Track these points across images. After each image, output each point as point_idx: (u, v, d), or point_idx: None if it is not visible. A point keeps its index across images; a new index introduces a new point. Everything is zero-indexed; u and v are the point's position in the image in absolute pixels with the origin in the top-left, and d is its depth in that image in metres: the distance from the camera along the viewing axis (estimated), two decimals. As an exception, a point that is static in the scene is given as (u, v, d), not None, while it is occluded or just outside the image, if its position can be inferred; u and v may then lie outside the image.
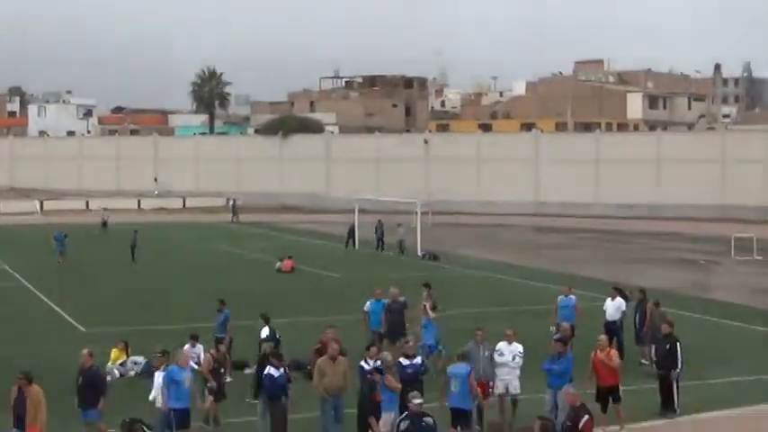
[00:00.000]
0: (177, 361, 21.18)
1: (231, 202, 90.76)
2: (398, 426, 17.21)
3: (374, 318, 29.30)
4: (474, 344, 22.94)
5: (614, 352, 22.77)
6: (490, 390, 23.04)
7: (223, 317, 28.86)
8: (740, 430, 23.27)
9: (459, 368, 21.33)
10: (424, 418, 17.16)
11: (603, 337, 23.70)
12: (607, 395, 22.58)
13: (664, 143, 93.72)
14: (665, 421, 23.73)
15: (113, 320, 36.70)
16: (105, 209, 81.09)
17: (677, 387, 24.12)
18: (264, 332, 26.54)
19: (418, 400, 17.36)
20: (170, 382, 20.50)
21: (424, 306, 28.88)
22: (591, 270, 52.06)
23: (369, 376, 20.97)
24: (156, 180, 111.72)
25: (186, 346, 24.29)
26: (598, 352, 22.75)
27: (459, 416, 21.09)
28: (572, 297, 31.18)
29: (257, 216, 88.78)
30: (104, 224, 76.01)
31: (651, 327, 28.66)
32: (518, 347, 23.22)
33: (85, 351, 21.48)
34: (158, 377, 21.47)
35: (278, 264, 52.88)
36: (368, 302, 29.80)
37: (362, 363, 22.04)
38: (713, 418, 24.27)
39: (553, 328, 30.45)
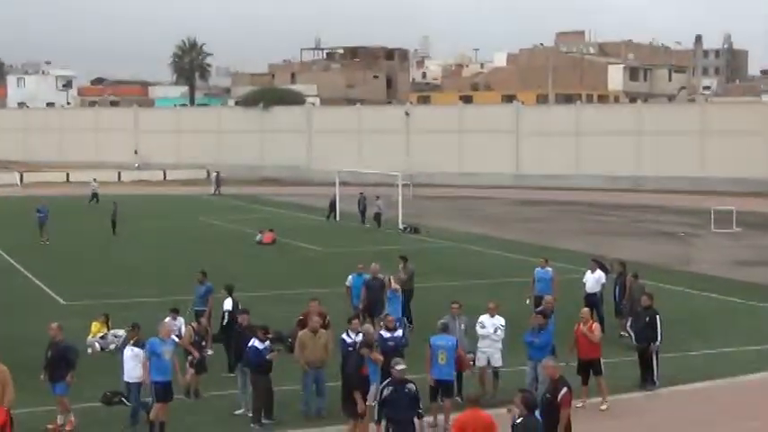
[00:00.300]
0: (158, 333, 21.12)
1: (214, 175, 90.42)
2: (381, 392, 17.32)
3: (355, 292, 29.16)
4: (450, 317, 22.98)
5: (596, 326, 22.85)
6: (471, 363, 23.13)
7: (204, 289, 28.67)
8: (719, 402, 23.41)
9: (445, 339, 21.40)
10: (407, 385, 17.30)
11: (586, 310, 23.78)
12: (588, 368, 22.69)
13: (644, 115, 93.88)
14: (645, 393, 23.86)
15: (94, 293, 36.60)
16: (95, 180, 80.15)
17: (657, 360, 24.24)
18: (228, 304, 26.43)
19: (401, 367, 17.48)
20: (151, 354, 20.45)
21: (389, 279, 28.72)
22: (571, 242, 52.19)
23: (355, 349, 20.98)
24: (136, 152, 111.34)
25: (167, 319, 24.26)
26: (581, 325, 22.84)
27: (444, 387, 21.22)
28: (549, 269, 31.28)
29: (238, 188, 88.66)
30: (94, 196, 74.88)
31: (630, 299, 28.80)
32: (500, 320, 23.30)
33: (54, 324, 21.36)
34: (127, 351, 21.40)
35: (259, 236, 52.83)
36: (350, 276, 29.68)
37: (344, 335, 22.14)
38: (693, 389, 24.42)
39: (529, 301, 30.62)
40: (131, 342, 21.53)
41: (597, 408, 22.37)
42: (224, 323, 25.99)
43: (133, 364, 21.01)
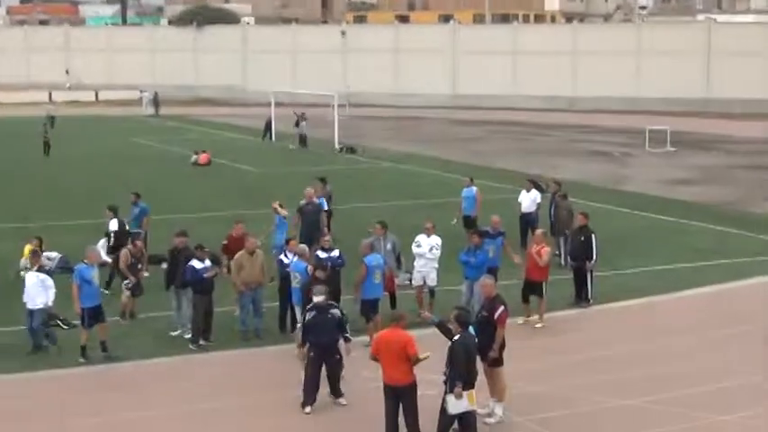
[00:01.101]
0: (85, 259, 20.89)
1: (153, 95, 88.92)
2: (304, 317, 17.37)
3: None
4: (375, 237, 22.98)
5: (546, 250, 22.90)
6: (407, 282, 23.24)
7: (138, 210, 28.42)
8: (652, 318, 23.75)
9: (377, 258, 21.50)
10: (330, 310, 17.35)
11: (539, 232, 23.87)
12: (532, 288, 22.87)
13: (580, 35, 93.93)
14: (580, 311, 24.15)
15: (26, 216, 36.13)
16: (51, 100, 77.14)
17: (591, 278, 24.50)
18: (113, 225, 26.32)
19: (320, 298, 17.53)
20: (81, 281, 20.27)
21: (275, 208, 27.68)
22: (507, 162, 52.39)
23: (307, 272, 20.97)
24: (67, 72, 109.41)
25: (102, 242, 24.06)
26: (534, 245, 23.03)
27: (375, 305, 21.38)
28: (473, 188, 31.39)
29: (172, 109, 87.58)
30: (51, 120, 70.11)
31: (557, 219, 29.02)
32: (436, 240, 23.36)
33: None
34: (31, 277, 21.17)
35: (194, 157, 52.38)
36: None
37: (282, 256, 22.11)
38: (627, 306, 24.75)
39: (456, 220, 30.80)
40: (35, 268, 21.31)
41: (533, 326, 22.64)
42: (110, 244, 25.94)
43: (37, 291, 20.77)
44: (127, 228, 25.95)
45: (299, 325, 17.97)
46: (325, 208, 29.56)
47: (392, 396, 15.76)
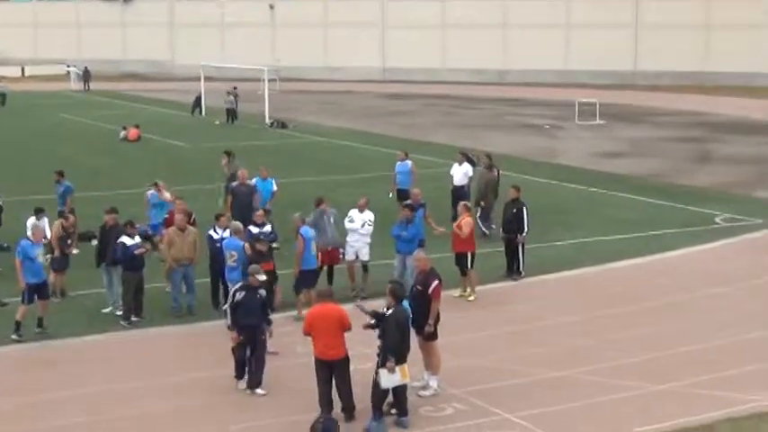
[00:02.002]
0: (29, 236, 20.71)
1: (82, 70, 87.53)
2: (234, 295, 17.25)
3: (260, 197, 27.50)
4: (319, 214, 22.93)
5: (465, 221, 22.94)
6: (341, 256, 23.20)
7: (62, 188, 28.08)
8: (584, 289, 23.95)
9: (310, 231, 21.55)
10: (259, 290, 17.26)
11: (461, 206, 23.92)
12: (458, 260, 22.97)
13: (509, 8, 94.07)
14: (512, 283, 24.28)
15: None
16: (2, 77, 75.59)
17: (523, 251, 24.64)
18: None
19: (263, 278, 17.45)
20: (24, 258, 20.04)
21: (159, 187, 26.65)
22: (438, 136, 52.47)
23: (222, 246, 20.91)
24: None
25: (31, 220, 23.69)
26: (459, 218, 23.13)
27: (312, 276, 21.44)
28: (408, 162, 31.47)
29: (100, 84, 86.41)
30: (2, 97, 70.40)
31: (477, 191, 29.29)
32: (369, 215, 23.34)
33: None
34: None
35: (122, 132, 51.77)
36: (253, 180, 28.17)
37: (211, 232, 21.97)
38: (559, 278, 24.94)
39: (392, 194, 30.82)
40: None
41: (465, 299, 22.73)
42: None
43: None
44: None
45: (225, 306, 17.77)
46: (273, 188, 28.81)
47: (325, 370, 15.76)
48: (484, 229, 28.42)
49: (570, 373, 17.89)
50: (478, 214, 28.58)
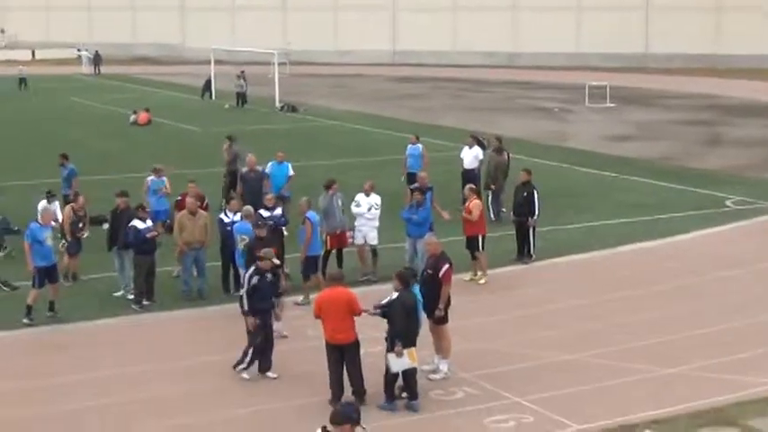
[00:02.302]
0: (38, 219, 20.72)
1: (93, 54, 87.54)
2: (249, 280, 17.22)
3: (274, 181, 27.25)
4: (328, 197, 22.91)
5: (474, 204, 22.92)
6: (350, 240, 23.21)
7: (67, 172, 28.11)
8: (594, 273, 23.96)
9: (316, 215, 21.66)
10: (267, 274, 17.24)
11: (467, 189, 23.93)
12: (469, 243, 22.97)
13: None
14: (522, 267, 24.28)
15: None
16: (22, 64, 75.82)
17: (534, 234, 24.63)
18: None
19: (276, 261, 17.50)
20: (33, 241, 20.07)
21: (155, 170, 26.56)
22: (449, 119, 52.43)
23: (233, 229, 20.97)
24: (2, 31, 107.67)
25: (42, 203, 23.74)
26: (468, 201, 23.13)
27: (317, 261, 21.58)
28: (419, 145, 31.48)
29: (111, 68, 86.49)
30: (22, 81, 70.91)
31: (487, 175, 29.29)
32: (375, 199, 23.30)
33: None
34: None
35: (133, 116, 51.82)
36: (269, 164, 27.88)
37: (222, 215, 22.02)
38: (569, 262, 24.94)
39: (403, 178, 30.82)
40: None
41: (476, 282, 22.75)
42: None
43: None
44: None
45: (242, 291, 17.71)
46: (290, 173, 28.14)
47: (336, 354, 15.77)
48: (493, 214, 28.42)
49: (580, 357, 17.90)
50: (489, 198, 28.61)
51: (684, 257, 25.27)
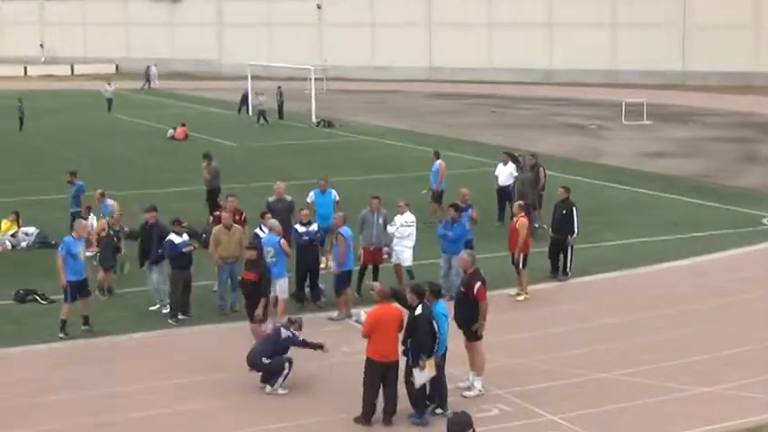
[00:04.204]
0: (73, 233, 20.87)
1: (145, 68, 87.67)
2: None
3: (319, 210, 24.99)
4: (369, 211, 23.05)
5: (521, 222, 22.90)
6: (385, 256, 23.29)
7: (75, 189, 28.19)
8: (628, 290, 23.87)
9: (349, 231, 21.68)
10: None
11: (516, 206, 23.96)
12: (516, 261, 22.96)
13: (555, 7, 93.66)
14: (557, 284, 24.22)
15: (3, 191, 35.95)
16: (109, 84, 70.83)
17: (572, 252, 24.54)
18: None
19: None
20: (67, 254, 20.22)
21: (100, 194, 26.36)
22: (484, 135, 52.39)
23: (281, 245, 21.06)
24: (42, 46, 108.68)
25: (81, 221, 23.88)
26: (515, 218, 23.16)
27: (350, 277, 21.69)
28: (437, 162, 31.43)
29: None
30: (109, 102, 67.31)
31: (514, 188, 29.34)
32: (408, 218, 23.34)
33: None
34: None
35: (170, 131, 52.18)
36: (311, 193, 25.88)
37: (258, 230, 22.13)
38: (605, 279, 24.87)
39: (425, 191, 30.95)
40: None
41: (514, 298, 22.75)
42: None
43: None
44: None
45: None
46: (336, 199, 25.74)
47: (378, 372, 15.72)
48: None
49: (614, 375, 17.85)
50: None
51: (721, 276, 25.14)
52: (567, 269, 24.53)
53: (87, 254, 21.53)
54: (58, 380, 18.11)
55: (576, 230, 24.42)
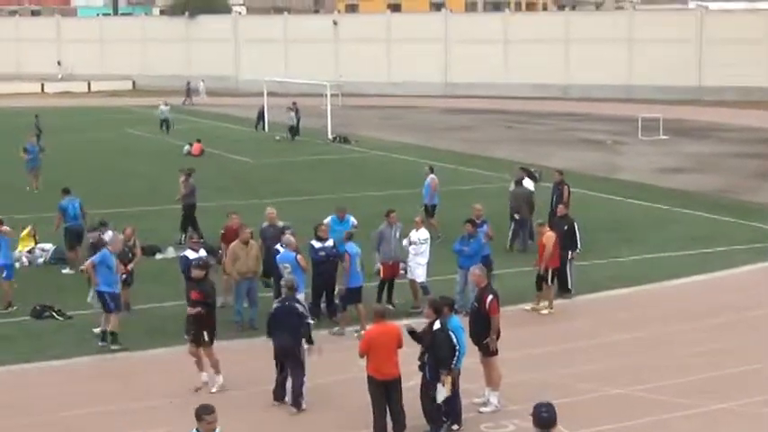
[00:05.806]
0: (109, 246, 21.16)
1: (186, 84, 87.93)
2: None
3: (332, 235, 22.75)
4: (386, 225, 23.08)
5: (547, 237, 22.93)
6: (402, 272, 23.30)
7: (73, 205, 28.24)
8: (644, 305, 23.80)
9: (356, 247, 21.71)
10: (294, 304, 17.59)
11: (536, 224, 24.11)
12: (542, 276, 23.04)
13: (572, 23, 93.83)
14: (563, 301, 23.95)
15: (20, 208, 36.05)
16: (165, 103, 66.55)
17: (570, 267, 24.26)
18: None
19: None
20: (101, 264, 20.52)
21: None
22: (499, 151, 52.39)
23: (297, 261, 21.12)
24: (59, 63, 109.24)
25: (109, 233, 23.83)
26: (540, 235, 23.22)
27: (359, 293, 21.62)
28: (429, 176, 31.52)
29: (163, 99, 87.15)
30: (165, 123, 64.07)
31: (514, 206, 29.49)
32: (422, 234, 23.37)
33: None
34: None
35: (186, 147, 52.33)
36: (327, 219, 24.29)
37: (278, 246, 22.12)
38: (618, 294, 24.81)
39: (420, 208, 31.03)
40: None
41: (527, 313, 22.74)
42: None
43: None
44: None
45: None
46: (354, 224, 24.52)
47: (381, 390, 15.75)
48: (509, 244, 28.82)
49: (630, 391, 17.81)
50: (512, 228, 28.71)
51: (737, 291, 25.07)
52: (569, 286, 24.31)
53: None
54: (74, 396, 18.16)
55: (578, 246, 24.37)
